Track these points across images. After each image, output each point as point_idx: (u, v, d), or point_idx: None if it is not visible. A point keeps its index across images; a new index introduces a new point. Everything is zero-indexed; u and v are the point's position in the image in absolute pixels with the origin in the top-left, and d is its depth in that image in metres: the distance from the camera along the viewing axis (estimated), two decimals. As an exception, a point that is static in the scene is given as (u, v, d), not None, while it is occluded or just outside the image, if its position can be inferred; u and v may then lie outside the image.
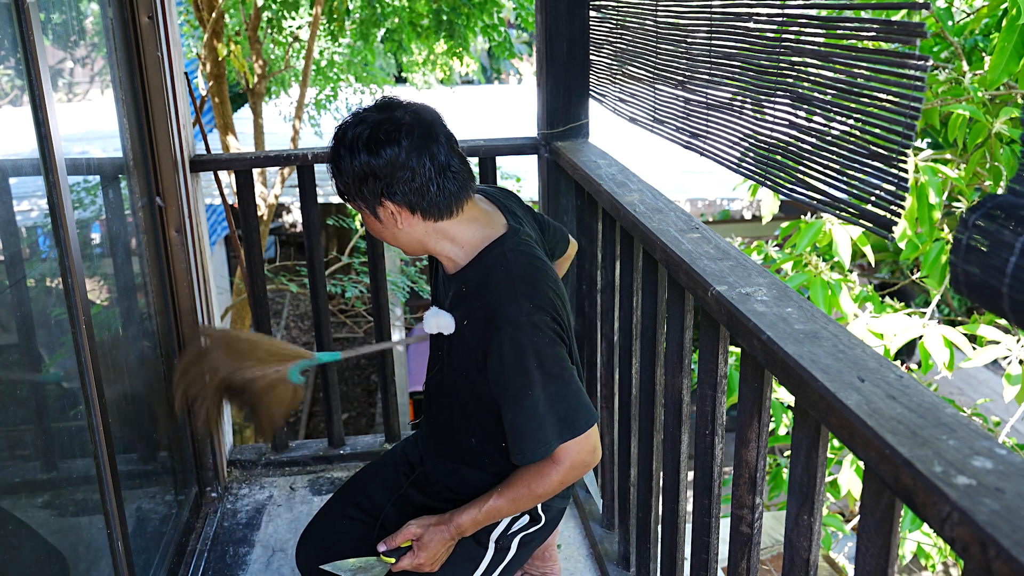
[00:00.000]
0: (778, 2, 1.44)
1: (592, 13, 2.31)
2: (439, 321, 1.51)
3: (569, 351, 1.46)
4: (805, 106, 1.36)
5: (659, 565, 1.82)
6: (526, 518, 1.63)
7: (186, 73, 2.36)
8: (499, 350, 1.37)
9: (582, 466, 1.43)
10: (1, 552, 1.36)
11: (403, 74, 8.03)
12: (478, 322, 1.42)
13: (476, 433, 1.56)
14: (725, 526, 2.58)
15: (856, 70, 1.21)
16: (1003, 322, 2.85)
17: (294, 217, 11.42)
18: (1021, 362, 2.52)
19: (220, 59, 5.40)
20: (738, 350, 1.87)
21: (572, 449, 1.40)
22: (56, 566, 1.58)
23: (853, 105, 1.23)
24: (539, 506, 1.63)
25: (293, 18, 6.06)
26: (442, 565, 1.56)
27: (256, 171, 5.72)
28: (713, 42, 1.65)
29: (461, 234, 1.46)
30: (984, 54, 2.76)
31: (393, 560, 1.53)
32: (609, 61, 2.27)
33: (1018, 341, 2.55)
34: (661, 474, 1.76)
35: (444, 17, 5.94)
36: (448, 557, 1.56)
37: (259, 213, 5.49)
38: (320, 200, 6.36)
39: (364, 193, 1.40)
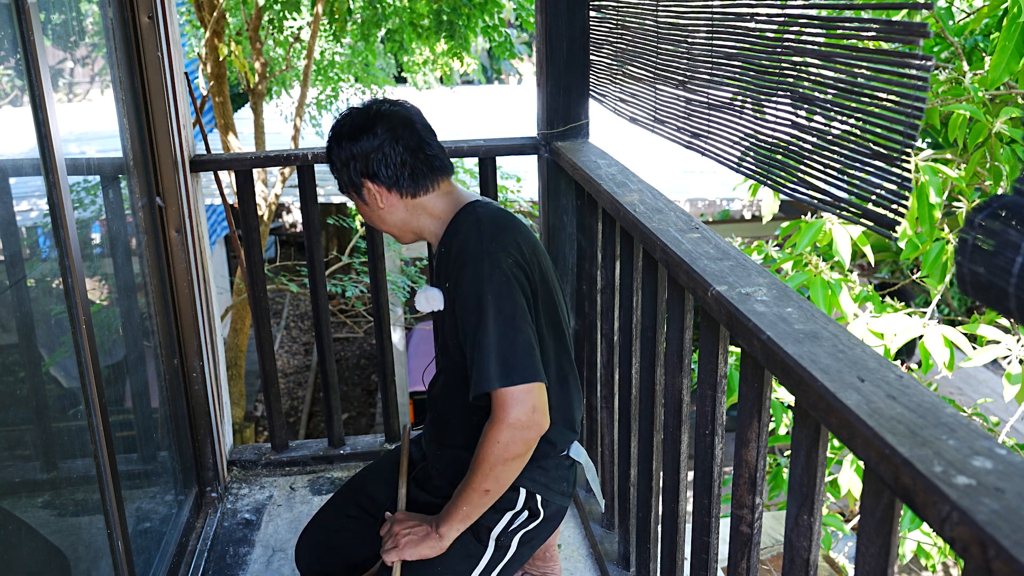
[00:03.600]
0: (779, 2, 1.43)
1: (592, 13, 2.31)
2: (428, 295, 1.58)
3: (544, 316, 1.52)
4: (806, 106, 1.35)
5: (659, 565, 1.82)
6: (525, 513, 1.63)
7: (186, 73, 2.36)
8: (461, 285, 1.45)
9: (522, 427, 1.41)
10: (1, 552, 1.36)
11: (403, 74, 8.02)
12: (452, 273, 1.50)
13: (476, 411, 1.57)
14: (725, 526, 2.58)
15: (857, 70, 1.21)
16: (1003, 321, 2.84)
17: (294, 217, 11.43)
18: (1021, 362, 2.52)
19: (221, 59, 5.40)
20: (738, 350, 1.86)
21: (508, 401, 1.40)
22: (56, 566, 1.58)
23: (854, 105, 1.22)
24: (538, 500, 1.63)
25: (294, 18, 6.06)
26: (442, 563, 1.56)
27: (256, 171, 5.72)
28: (714, 42, 1.65)
29: (437, 207, 1.60)
30: (984, 54, 2.76)
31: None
32: (609, 61, 2.27)
33: (1018, 341, 2.55)
34: (661, 474, 1.76)
35: (444, 17, 5.94)
36: (447, 554, 1.56)
37: (259, 213, 5.49)
38: (320, 200, 6.36)
39: (352, 177, 1.58)
